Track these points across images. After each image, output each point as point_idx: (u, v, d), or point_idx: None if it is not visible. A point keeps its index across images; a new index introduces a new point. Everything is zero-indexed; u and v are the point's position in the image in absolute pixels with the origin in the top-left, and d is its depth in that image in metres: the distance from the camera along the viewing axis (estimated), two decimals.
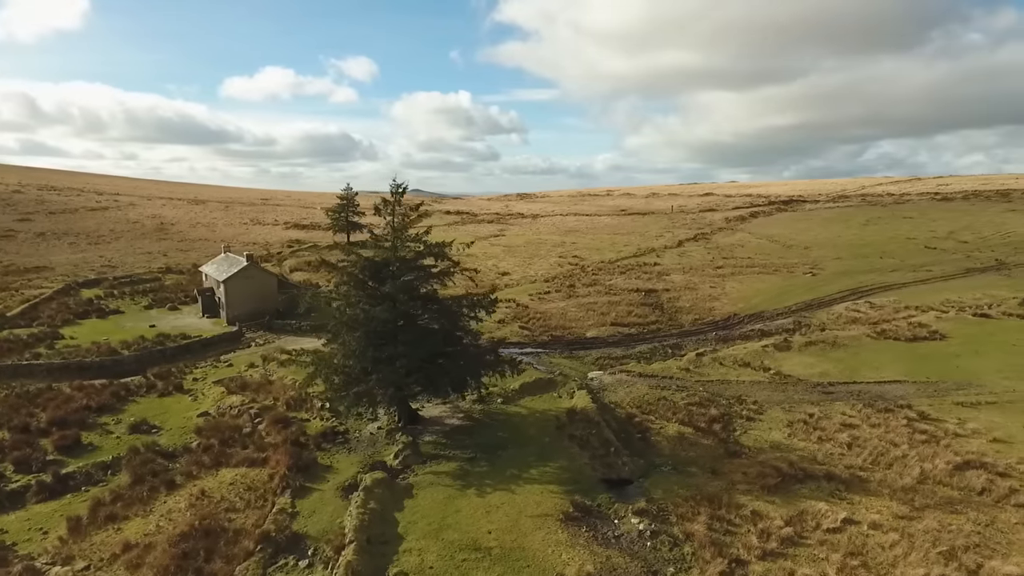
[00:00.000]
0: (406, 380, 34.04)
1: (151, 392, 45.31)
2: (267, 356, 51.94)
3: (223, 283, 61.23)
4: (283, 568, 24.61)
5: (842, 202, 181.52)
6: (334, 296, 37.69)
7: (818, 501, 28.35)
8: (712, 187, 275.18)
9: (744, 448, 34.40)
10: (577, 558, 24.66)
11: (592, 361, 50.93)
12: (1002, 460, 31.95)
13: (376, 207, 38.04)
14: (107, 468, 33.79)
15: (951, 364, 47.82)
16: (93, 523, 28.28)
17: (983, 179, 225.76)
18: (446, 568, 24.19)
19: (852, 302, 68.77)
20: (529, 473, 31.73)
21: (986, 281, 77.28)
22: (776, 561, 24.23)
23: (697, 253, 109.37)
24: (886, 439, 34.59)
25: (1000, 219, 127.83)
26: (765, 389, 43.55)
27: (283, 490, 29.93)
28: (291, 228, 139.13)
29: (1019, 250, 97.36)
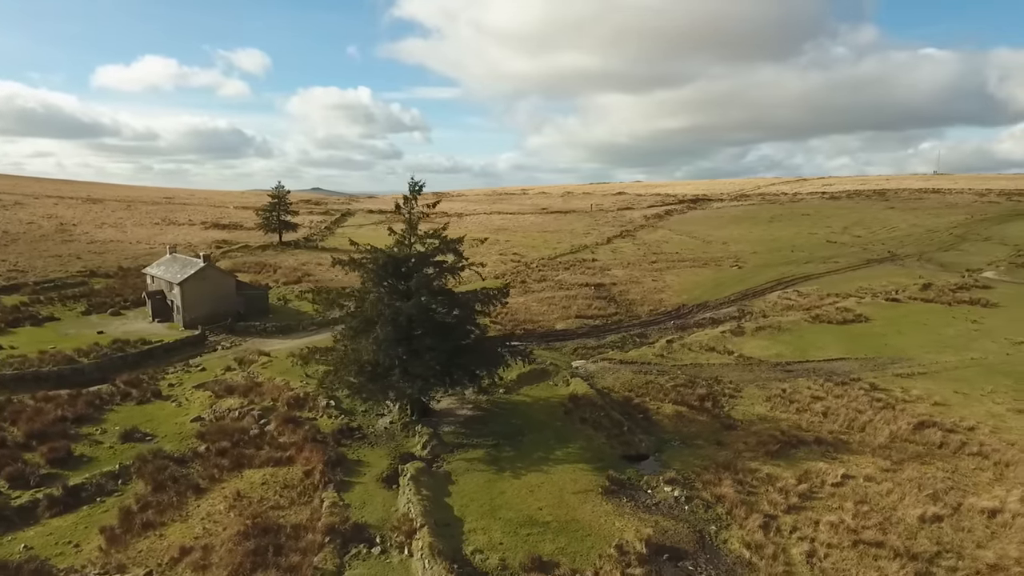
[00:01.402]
0: (436, 372, 34.97)
1: (127, 400, 43.16)
2: (242, 359, 50.55)
3: (179, 285, 58.49)
4: (357, 556, 25.24)
5: (744, 201, 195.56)
6: (354, 294, 37.88)
7: (816, 462, 32.35)
8: (623, 187, 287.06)
9: (736, 421, 38.14)
10: (630, 525, 27.00)
11: (571, 352, 53.50)
12: (947, 419, 37.53)
13: (397, 204, 38.50)
14: (116, 477, 32.41)
15: (880, 342, 54.49)
16: (129, 531, 27.42)
17: (860, 180, 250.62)
18: (514, 543, 25.77)
19: (782, 291, 75.82)
20: (555, 455, 33.73)
21: (886, 270, 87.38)
22: (801, 513, 27.73)
23: (628, 249, 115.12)
24: (852, 407, 39.51)
25: (883, 216, 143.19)
26: (735, 370, 47.90)
27: (325, 485, 30.20)
28: (211, 228, 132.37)
29: (904, 243, 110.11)
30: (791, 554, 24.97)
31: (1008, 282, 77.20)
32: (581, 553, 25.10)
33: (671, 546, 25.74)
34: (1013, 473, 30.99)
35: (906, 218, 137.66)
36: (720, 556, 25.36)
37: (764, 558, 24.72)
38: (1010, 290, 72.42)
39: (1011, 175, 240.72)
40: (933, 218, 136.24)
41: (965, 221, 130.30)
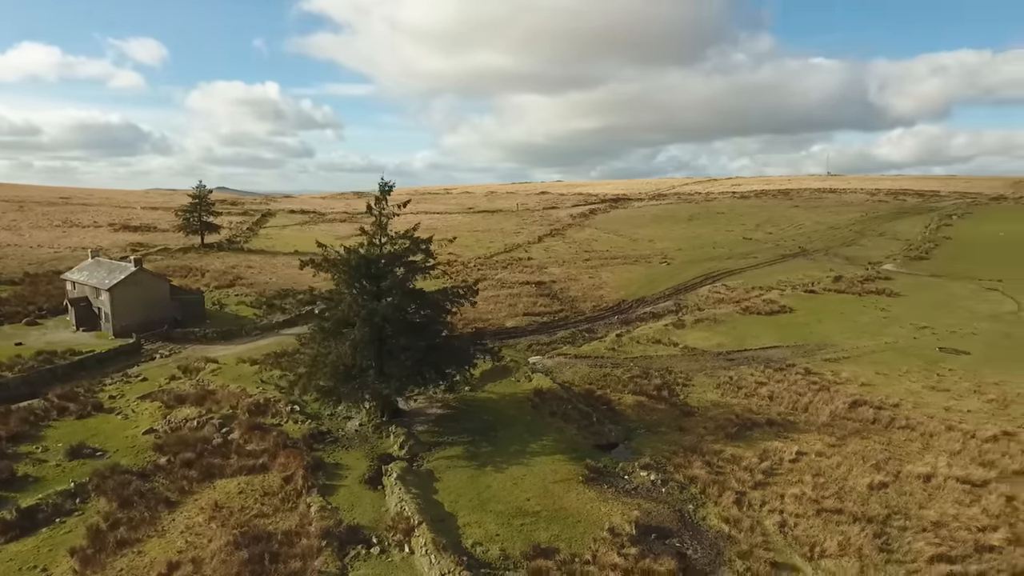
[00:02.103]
0: (411, 372, 35.06)
1: (65, 415, 40.38)
2: (187, 367, 48.29)
3: (108, 291, 54.93)
4: (357, 557, 25.22)
5: (662, 200, 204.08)
6: (328, 296, 37.31)
7: (771, 441, 35.07)
8: (545, 186, 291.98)
9: (693, 408, 40.55)
10: (616, 509, 28.42)
11: (525, 348, 54.64)
12: (875, 398, 41.51)
13: (368, 205, 38.17)
14: (73, 496, 30.54)
15: (806, 330, 59.13)
16: (102, 550, 26.06)
17: (765, 180, 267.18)
18: (510, 533, 26.56)
19: (711, 285, 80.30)
20: (531, 448, 34.73)
21: (799, 265, 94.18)
22: (767, 488, 30.12)
23: (560, 248, 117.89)
24: (793, 391, 42.90)
25: (789, 214, 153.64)
26: (682, 360, 50.67)
27: (308, 490, 29.77)
28: (120, 230, 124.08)
29: (811, 239, 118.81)
30: (765, 525, 27.17)
31: (905, 273, 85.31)
32: (575, 538, 26.22)
33: (657, 526, 27.37)
34: (937, 442, 34.86)
35: (810, 216, 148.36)
36: (702, 532, 27.22)
37: (742, 531, 26.77)
38: (908, 280, 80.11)
39: (895, 176, 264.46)
40: (833, 216, 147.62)
41: (861, 218, 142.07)
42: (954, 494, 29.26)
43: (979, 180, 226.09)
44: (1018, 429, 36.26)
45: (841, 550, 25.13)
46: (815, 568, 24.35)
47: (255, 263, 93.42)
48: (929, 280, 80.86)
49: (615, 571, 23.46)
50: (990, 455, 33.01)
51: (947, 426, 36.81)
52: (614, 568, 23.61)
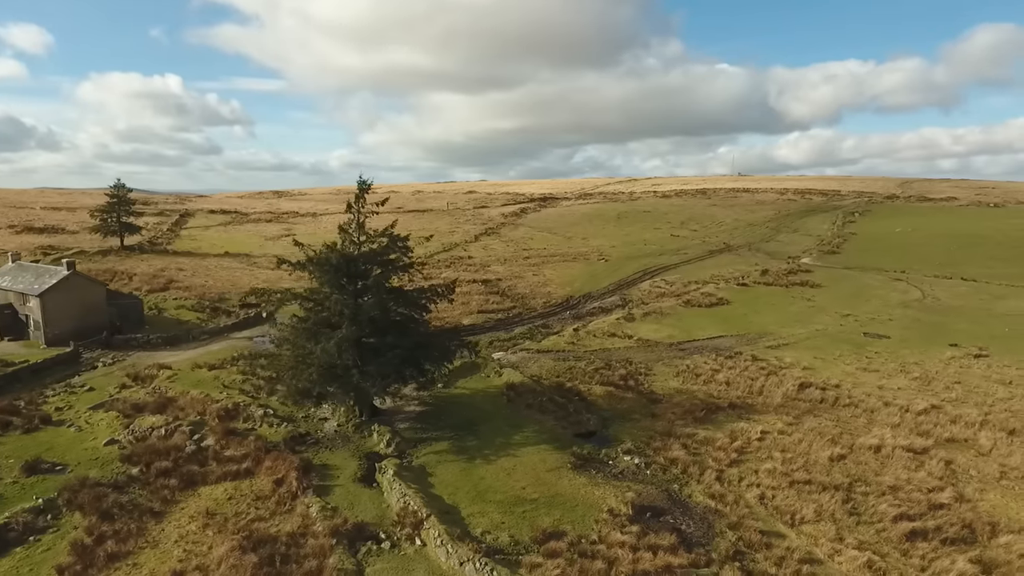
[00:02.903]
0: (396, 369, 35.15)
1: (9, 429, 37.61)
2: (137, 375, 45.84)
3: (38, 297, 51.10)
4: (369, 553, 25.37)
5: (588, 200, 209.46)
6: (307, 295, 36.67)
7: (737, 423, 37.71)
8: (472, 185, 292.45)
9: (659, 395, 42.79)
10: (609, 492, 29.88)
11: (487, 344, 55.39)
12: (819, 380, 45.28)
13: (348, 203, 37.76)
14: (42, 512, 28.81)
15: (745, 321, 63.22)
16: (91, 566, 24.94)
17: (682, 180, 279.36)
18: (514, 521, 27.45)
19: (651, 280, 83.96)
20: (514, 439, 35.68)
21: (727, 260, 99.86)
22: (742, 465, 32.53)
23: (498, 247, 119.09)
24: (746, 376, 46.08)
25: (710, 212, 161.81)
26: (639, 352, 53.09)
27: (303, 491, 29.46)
28: (24, 232, 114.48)
29: (733, 236, 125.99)
30: (747, 499, 29.42)
31: (822, 267, 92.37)
32: (577, 520, 27.44)
33: (649, 505, 29.03)
34: (879, 417, 38.65)
35: (729, 214, 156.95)
36: (690, 508, 29.12)
37: (728, 504, 28.89)
38: (826, 273, 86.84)
39: (800, 176, 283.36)
40: (750, 214, 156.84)
41: (775, 216, 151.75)
42: (902, 461, 32.70)
43: (872, 180, 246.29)
44: (943, 403, 40.73)
45: (817, 516, 27.70)
46: (798, 533, 26.73)
47: (185, 266, 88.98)
48: (844, 272, 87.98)
49: (623, 548, 24.84)
50: (924, 426, 36.99)
51: (884, 402, 40.83)
52: (621, 545, 25.00)
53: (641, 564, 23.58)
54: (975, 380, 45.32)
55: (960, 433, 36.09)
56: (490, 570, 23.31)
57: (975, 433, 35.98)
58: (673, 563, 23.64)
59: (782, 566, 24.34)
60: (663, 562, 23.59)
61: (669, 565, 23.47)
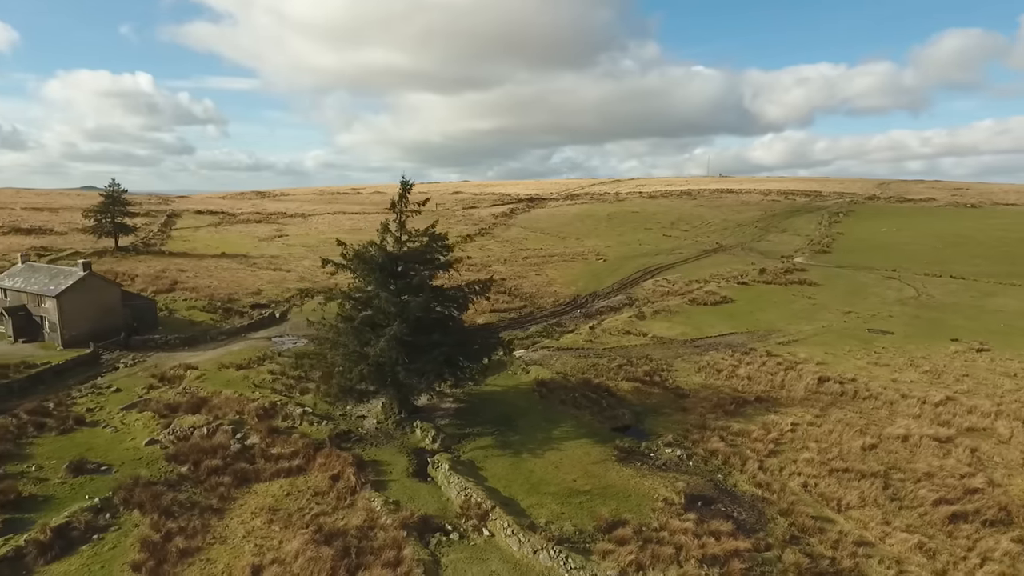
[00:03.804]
0: (442, 366, 35.70)
1: (44, 431, 37.39)
2: (163, 375, 45.69)
3: (55, 298, 50.49)
4: (441, 544, 25.96)
5: (576, 200, 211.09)
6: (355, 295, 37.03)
7: (766, 415, 39.01)
8: (458, 186, 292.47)
9: (685, 390, 43.95)
10: (658, 483, 30.86)
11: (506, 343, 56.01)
12: (835, 374, 46.87)
13: (393, 202, 38.17)
14: (100, 512, 28.82)
15: (751, 318, 64.84)
16: (165, 562, 25.13)
17: (666, 181, 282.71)
18: (574, 511, 28.25)
19: (652, 279, 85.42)
20: (554, 434, 36.48)
21: (723, 259, 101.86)
22: (780, 455, 33.76)
23: (494, 247, 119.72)
24: (765, 371, 47.49)
25: (697, 213, 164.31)
26: (655, 348, 54.28)
27: (362, 486, 29.93)
28: (11, 233, 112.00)
29: (724, 236, 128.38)
30: (791, 487, 30.62)
31: (816, 265, 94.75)
32: (634, 510, 28.34)
33: (699, 495, 30.05)
34: (900, 408, 40.28)
35: (716, 215, 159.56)
36: (738, 497, 30.20)
37: (774, 492, 30.05)
38: (821, 272, 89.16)
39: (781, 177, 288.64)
40: (737, 214, 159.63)
41: (761, 216, 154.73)
42: (929, 449, 34.25)
43: (851, 181, 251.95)
44: (956, 394, 42.53)
45: (861, 502, 29.00)
46: (846, 518, 27.98)
47: (186, 267, 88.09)
48: (837, 271, 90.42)
49: (686, 535, 25.79)
50: (944, 416, 38.69)
51: (901, 395, 42.51)
52: (684, 532, 25.95)
53: (708, 549, 24.55)
54: (982, 373, 47.31)
55: (978, 423, 37.81)
56: (564, 557, 24.10)
57: (992, 422, 37.75)
58: (739, 547, 24.66)
59: (838, 549, 25.51)
60: (730, 547, 24.60)
61: (736, 549, 24.48)
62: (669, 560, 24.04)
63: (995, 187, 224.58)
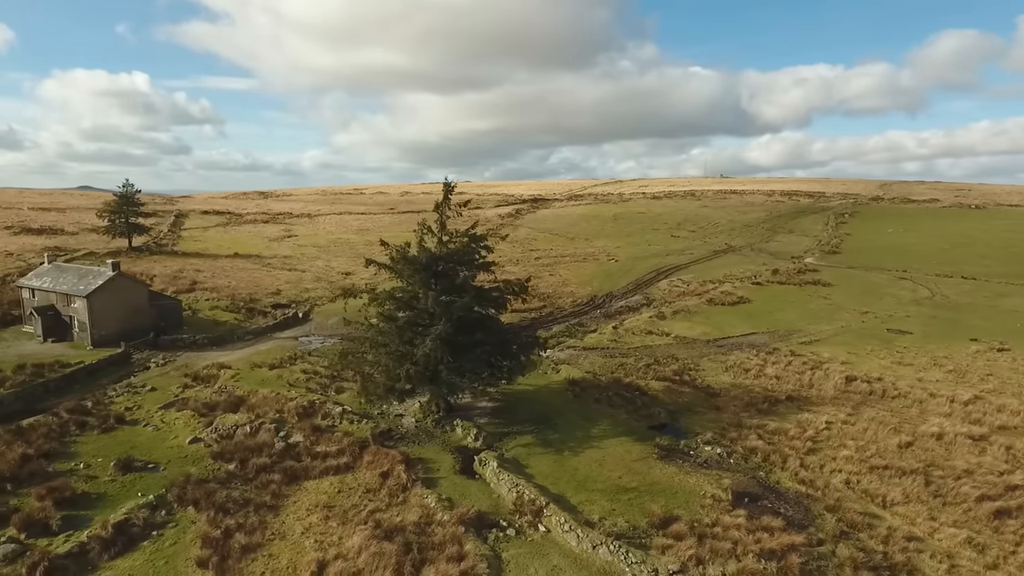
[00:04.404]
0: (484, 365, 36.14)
1: (86, 430, 37.70)
2: (198, 375, 46.01)
3: (85, 298, 50.75)
4: (499, 539, 26.39)
5: (580, 201, 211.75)
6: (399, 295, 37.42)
7: (800, 414, 39.53)
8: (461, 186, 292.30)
9: (715, 389, 44.44)
10: (703, 480, 31.33)
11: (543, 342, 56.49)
12: (861, 373, 47.41)
13: (436, 203, 38.58)
14: (156, 508, 29.18)
15: (770, 318, 65.40)
16: (229, 558, 25.47)
17: (668, 182, 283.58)
18: (624, 508, 28.68)
19: (667, 280, 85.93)
20: (593, 432, 36.93)
21: (734, 260, 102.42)
22: (819, 453, 34.26)
23: (504, 247, 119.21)
24: (791, 370, 48.04)
25: (703, 213, 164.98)
26: (680, 348, 54.79)
27: (413, 483, 30.33)
28: (22, 233, 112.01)
29: (732, 236, 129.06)
30: (834, 484, 31.13)
31: (827, 266, 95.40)
32: (683, 506, 28.80)
33: (745, 491, 30.54)
34: (929, 407, 40.85)
35: (722, 215, 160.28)
36: (782, 493, 30.69)
37: (818, 489, 30.56)
38: (833, 272, 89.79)
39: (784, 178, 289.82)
40: (742, 215, 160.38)
41: (767, 217, 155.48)
42: (965, 447, 34.81)
43: (853, 182, 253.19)
44: (983, 393, 43.13)
45: (905, 498, 29.52)
46: (892, 514, 28.50)
47: (202, 267, 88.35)
48: (849, 271, 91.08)
49: (739, 530, 26.27)
50: (974, 415, 39.27)
51: (929, 393, 43.08)
52: (737, 528, 26.43)
53: (764, 544, 25.02)
54: (1005, 372, 47.93)
55: (1009, 421, 38.40)
56: (625, 552, 24.55)
57: (1023, 421, 38.30)
58: (794, 542, 25.13)
59: (888, 544, 26.02)
60: (785, 542, 25.07)
61: (792, 544, 24.95)
62: (727, 555, 24.51)
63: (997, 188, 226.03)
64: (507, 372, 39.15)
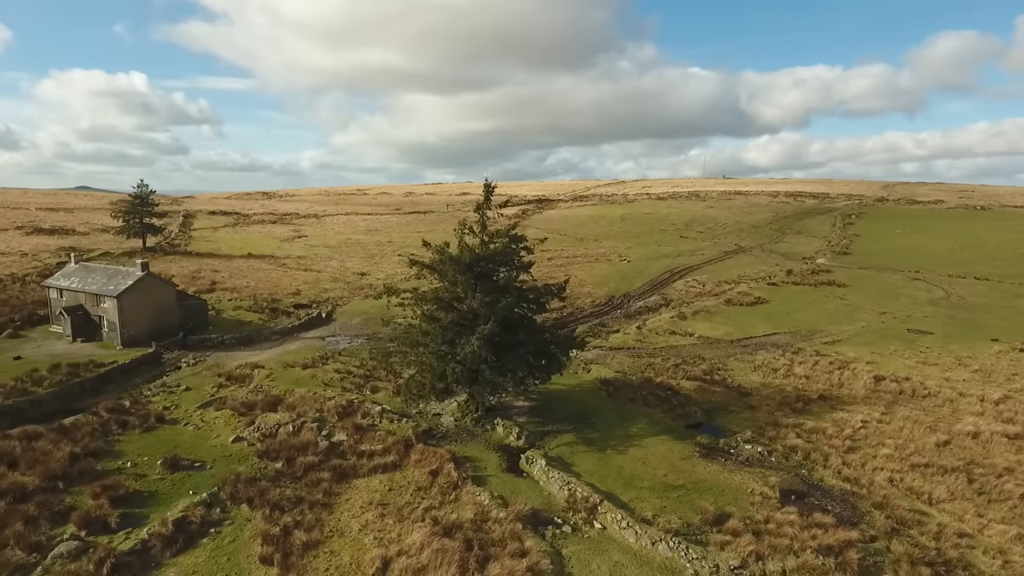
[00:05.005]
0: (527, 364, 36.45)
1: (128, 429, 37.93)
2: (231, 374, 46.25)
3: (115, 298, 50.95)
4: (556, 536, 26.70)
5: (585, 201, 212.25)
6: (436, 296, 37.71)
7: (835, 413, 39.93)
8: (464, 187, 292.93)
9: (747, 389, 44.84)
10: (748, 478, 31.68)
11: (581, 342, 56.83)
12: (888, 373, 47.86)
13: (478, 204, 38.91)
14: (209, 506, 29.45)
15: (789, 318, 65.85)
16: (291, 555, 25.72)
17: (672, 183, 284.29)
18: (675, 505, 29.03)
19: (682, 280, 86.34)
20: (632, 431, 37.29)
21: (745, 261, 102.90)
22: (859, 452, 34.67)
23: None
24: (819, 370, 48.46)
25: (709, 214, 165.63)
26: (704, 348, 55.18)
27: (463, 481, 30.64)
28: (34, 234, 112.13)
29: (741, 237, 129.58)
30: (878, 481, 31.53)
31: (840, 267, 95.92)
32: (733, 504, 29.14)
33: (792, 489, 30.91)
34: (961, 406, 41.30)
35: (728, 216, 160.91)
36: (828, 491, 31.07)
37: (863, 487, 30.95)
38: (846, 273, 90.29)
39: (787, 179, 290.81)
40: (748, 216, 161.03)
41: (774, 218, 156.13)
42: (1002, 445, 35.24)
43: (856, 183, 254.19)
44: (1011, 393, 43.61)
45: (951, 495, 29.94)
46: (939, 511, 28.91)
47: (218, 267, 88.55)
48: (862, 272, 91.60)
49: (793, 527, 26.64)
50: (1007, 414, 39.71)
51: (958, 393, 43.53)
52: (791, 525, 26.80)
53: (820, 540, 25.39)
54: None
55: None
56: (685, 548, 24.91)
57: None
58: (851, 538, 25.50)
59: (940, 540, 26.42)
60: (842, 538, 25.44)
61: (849, 540, 25.33)
62: (785, 551, 24.87)
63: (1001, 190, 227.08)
64: (545, 371, 39.42)
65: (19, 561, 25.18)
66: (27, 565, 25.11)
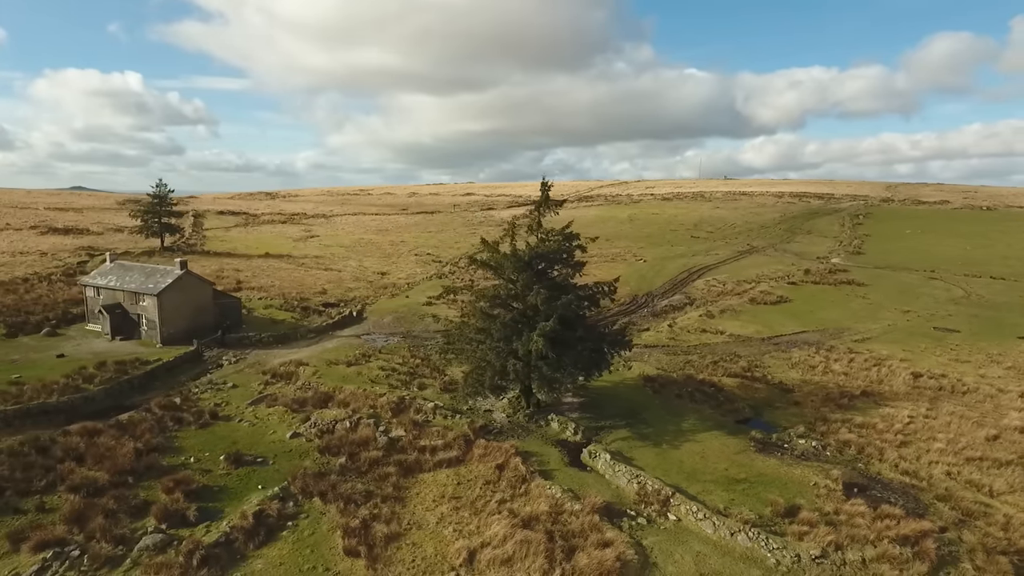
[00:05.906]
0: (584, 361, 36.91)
1: (183, 425, 38.21)
2: (276, 372, 46.53)
3: (155, 296, 51.18)
4: (633, 528, 27.14)
5: (591, 202, 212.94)
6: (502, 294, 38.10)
7: (880, 408, 40.51)
8: (468, 187, 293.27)
9: (789, 385, 45.40)
10: (808, 472, 32.19)
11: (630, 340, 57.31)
12: (924, 370, 48.48)
13: (536, 203, 39.33)
14: (283, 500, 29.78)
15: (815, 317, 66.49)
16: (375, 547, 26.10)
17: (675, 183, 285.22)
18: (741, 498, 29.49)
19: (702, 279, 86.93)
20: (683, 427, 37.79)
21: (761, 260, 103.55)
22: (912, 446, 35.23)
23: None
24: (856, 367, 49.07)
25: (716, 215, 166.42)
26: (737, 346, 55.74)
27: (531, 475, 31.05)
28: (48, 233, 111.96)
29: (752, 237, 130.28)
30: (936, 475, 32.08)
31: (855, 266, 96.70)
32: (801, 496, 29.60)
33: (852, 482, 31.39)
34: (1002, 402, 41.94)
35: (736, 216, 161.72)
36: (888, 484, 31.60)
37: (923, 480, 31.50)
38: (863, 272, 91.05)
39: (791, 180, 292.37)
40: (756, 216, 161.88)
41: (781, 218, 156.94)
42: None
43: (859, 184, 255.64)
44: None
45: (1011, 488, 30.51)
46: (1002, 503, 29.46)
47: (240, 267, 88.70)
48: (879, 272, 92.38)
49: (864, 518, 27.15)
50: None
51: (997, 389, 44.20)
52: (862, 516, 27.31)
53: (895, 530, 25.89)
54: None
55: None
56: (764, 538, 25.38)
57: None
58: (925, 528, 26.02)
59: (1008, 530, 26.96)
60: (916, 528, 25.95)
61: (923, 530, 25.84)
62: (863, 541, 25.37)
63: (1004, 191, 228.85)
64: (596, 367, 39.89)
65: (108, 554, 25.47)
66: (115, 557, 25.42)
